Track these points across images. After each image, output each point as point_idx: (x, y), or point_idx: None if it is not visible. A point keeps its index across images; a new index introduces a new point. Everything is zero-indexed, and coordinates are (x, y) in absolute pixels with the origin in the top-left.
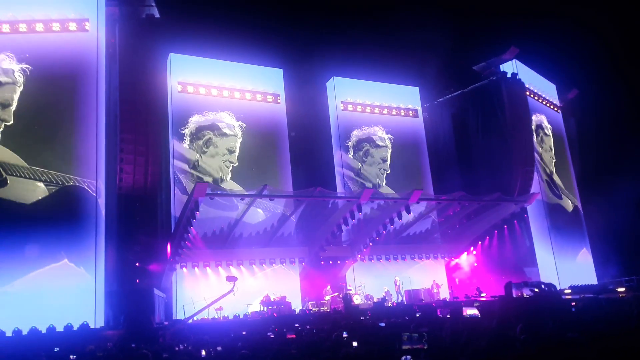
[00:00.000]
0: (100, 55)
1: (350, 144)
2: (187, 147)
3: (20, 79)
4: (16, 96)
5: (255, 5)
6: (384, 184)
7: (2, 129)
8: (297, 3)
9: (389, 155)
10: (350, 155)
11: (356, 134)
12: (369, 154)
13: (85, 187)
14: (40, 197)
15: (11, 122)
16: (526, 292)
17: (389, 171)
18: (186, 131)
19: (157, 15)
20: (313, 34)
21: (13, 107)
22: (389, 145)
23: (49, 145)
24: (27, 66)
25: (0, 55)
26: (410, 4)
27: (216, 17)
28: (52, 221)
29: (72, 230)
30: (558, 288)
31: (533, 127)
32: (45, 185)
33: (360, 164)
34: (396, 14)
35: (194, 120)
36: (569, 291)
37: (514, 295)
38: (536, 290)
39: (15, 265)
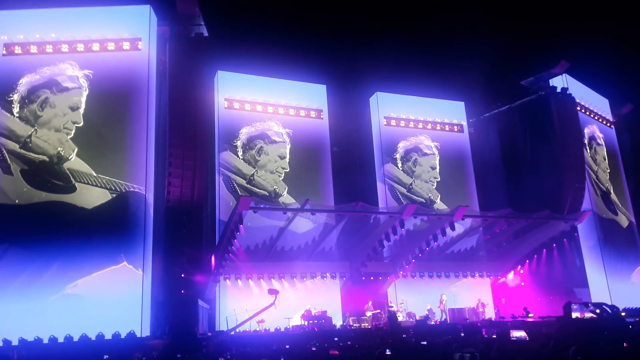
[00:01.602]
0: (152, 73)
1: (397, 155)
2: (241, 159)
3: (84, 84)
4: (83, 99)
5: (299, 23)
6: (437, 199)
7: (74, 130)
8: (340, 20)
9: (437, 162)
10: (399, 168)
11: (403, 145)
12: (417, 162)
13: (135, 199)
14: (98, 205)
15: (81, 123)
16: (587, 314)
17: (439, 179)
18: (238, 143)
19: (206, 34)
20: (356, 50)
21: (82, 110)
22: (436, 152)
23: (103, 157)
24: (90, 71)
25: (64, 65)
26: (457, 17)
27: (262, 35)
28: (107, 229)
29: (123, 240)
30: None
31: (585, 140)
32: (110, 192)
33: (411, 178)
34: (441, 29)
35: (245, 132)
36: (623, 314)
37: (574, 317)
38: (598, 311)
39: (69, 271)
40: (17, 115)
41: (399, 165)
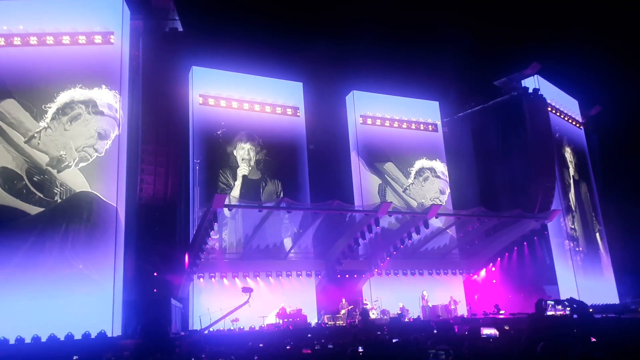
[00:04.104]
0: (124, 68)
1: (412, 170)
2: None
3: (120, 120)
4: (113, 134)
5: (276, 20)
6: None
7: (91, 160)
8: (318, 18)
9: (447, 191)
10: (411, 180)
11: (420, 163)
12: (429, 180)
13: (104, 198)
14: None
15: (103, 154)
16: (558, 311)
17: (444, 204)
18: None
19: (180, 29)
20: (333, 48)
21: (108, 144)
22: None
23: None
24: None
25: (112, 92)
26: (431, 18)
27: (238, 31)
28: (71, 230)
29: (92, 239)
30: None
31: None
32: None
33: (412, 182)
34: (417, 29)
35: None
36: (590, 310)
37: (547, 313)
38: (569, 309)
39: (34, 272)
40: (47, 125)
41: (412, 178)
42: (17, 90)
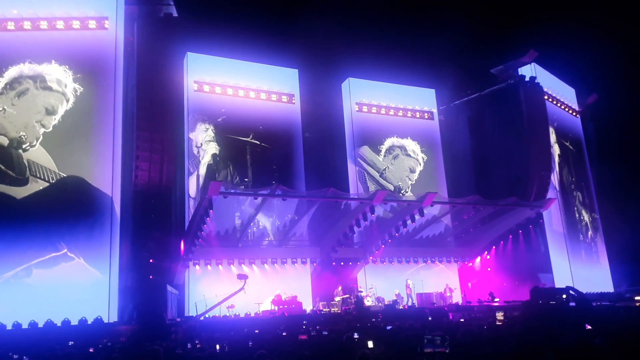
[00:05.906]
0: (119, 54)
1: (382, 148)
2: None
3: (70, 96)
4: (62, 108)
5: (272, 6)
6: (408, 192)
7: (41, 135)
8: (314, 4)
9: (418, 169)
10: (380, 158)
11: (390, 140)
12: (399, 158)
13: (90, 182)
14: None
15: (50, 130)
16: (553, 300)
17: (413, 182)
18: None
19: (175, 14)
20: (329, 35)
21: (56, 118)
22: (421, 162)
23: (67, 143)
24: (80, 87)
25: (61, 67)
26: (428, 5)
27: (233, 17)
28: (67, 218)
29: (87, 227)
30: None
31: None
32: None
33: (387, 165)
34: (413, 15)
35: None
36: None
37: (541, 302)
38: (564, 297)
39: (27, 259)
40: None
41: (382, 156)
42: None
